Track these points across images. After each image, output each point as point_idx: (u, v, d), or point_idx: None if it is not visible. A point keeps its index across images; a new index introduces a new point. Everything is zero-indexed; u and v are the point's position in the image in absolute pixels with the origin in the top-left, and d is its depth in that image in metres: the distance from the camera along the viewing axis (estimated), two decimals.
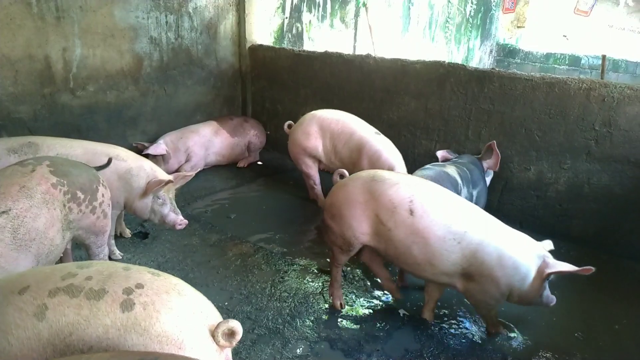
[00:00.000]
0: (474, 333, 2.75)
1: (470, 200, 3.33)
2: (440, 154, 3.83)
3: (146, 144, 4.42)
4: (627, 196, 3.55)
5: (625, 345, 2.72)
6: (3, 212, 2.08)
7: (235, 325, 1.52)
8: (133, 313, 1.44)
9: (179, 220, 3.21)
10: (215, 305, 1.68)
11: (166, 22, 4.61)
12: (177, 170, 4.60)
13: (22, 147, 2.98)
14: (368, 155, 3.71)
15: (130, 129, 4.59)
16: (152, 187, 3.07)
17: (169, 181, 3.11)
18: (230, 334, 1.53)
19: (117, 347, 1.41)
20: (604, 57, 4.73)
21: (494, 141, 3.71)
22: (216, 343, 1.52)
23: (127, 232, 3.60)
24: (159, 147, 4.44)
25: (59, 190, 2.31)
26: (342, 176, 2.73)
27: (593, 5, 3.89)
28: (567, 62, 9.66)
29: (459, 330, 2.77)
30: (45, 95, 3.92)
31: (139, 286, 1.50)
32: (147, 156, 4.18)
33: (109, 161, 2.76)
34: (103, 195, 2.57)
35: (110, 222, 2.72)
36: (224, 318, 1.67)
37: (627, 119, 3.48)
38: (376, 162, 3.61)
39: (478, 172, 3.52)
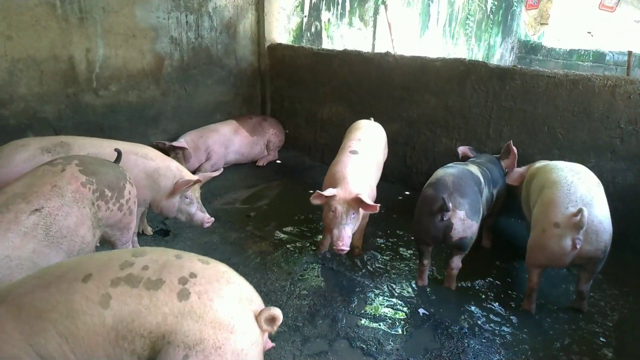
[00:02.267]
0: (494, 333, 2.71)
1: (491, 199, 3.29)
2: (461, 149, 3.79)
3: (167, 143, 4.49)
4: None
5: None
6: (36, 210, 2.16)
7: (277, 312, 1.69)
8: (189, 302, 1.58)
9: (206, 218, 3.26)
10: None
11: (186, 22, 4.66)
12: (198, 169, 4.66)
13: (55, 146, 3.05)
14: None
15: (152, 128, 4.65)
16: (180, 187, 3.13)
17: (197, 181, 3.17)
18: (272, 319, 1.70)
19: (174, 332, 1.56)
20: (630, 53, 4.61)
21: (511, 141, 3.64)
22: (259, 327, 1.68)
23: (149, 230, 3.65)
24: (180, 142, 4.52)
25: (88, 188, 2.38)
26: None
27: (619, 1, 3.79)
28: (591, 58, 9.43)
29: (479, 330, 2.73)
30: (69, 95, 4.00)
31: (192, 275, 1.64)
32: (168, 152, 4.26)
33: (119, 155, 2.79)
34: (129, 193, 2.63)
35: (135, 219, 2.77)
36: None
37: None
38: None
39: (497, 171, 3.48)
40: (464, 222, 2.82)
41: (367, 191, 3.09)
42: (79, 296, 1.56)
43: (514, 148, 3.57)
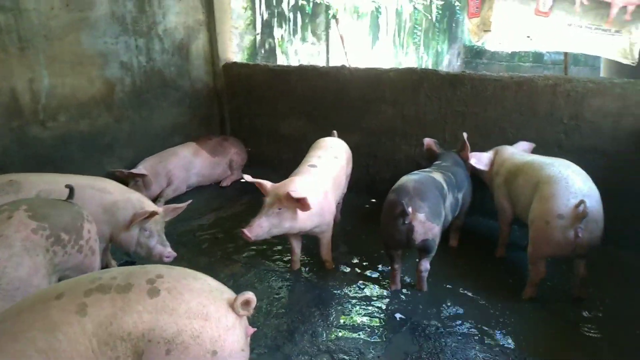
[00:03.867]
0: (469, 329, 2.80)
1: (456, 203, 3.40)
2: (426, 141, 3.89)
3: (125, 171, 4.37)
4: (598, 184, 3.66)
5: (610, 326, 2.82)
6: None
7: (251, 296, 1.81)
8: (161, 297, 1.66)
9: (166, 252, 3.10)
10: None
11: (136, 46, 4.57)
12: (160, 195, 4.55)
13: (3, 186, 2.86)
14: None
15: (107, 156, 4.50)
16: (137, 219, 2.98)
17: (153, 212, 3.02)
18: (246, 303, 1.81)
19: (152, 329, 1.63)
20: (566, 53, 4.91)
21: (465, 134, 3.75)
22: (236, 313, 1.79)
23: (114, 264, 3.52)
24: (139, 170, 4.41)
25: (40, 235, 2.23)
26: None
27: (552, 6, 4.06)
28: (531, 59, 10.01)
29: (455, 328, 2.82)
30: (13, 129, 3.78)
31: (159, 276, 1.73)
32: (127, 181, 4.15)
33: (72, 191, 2.62)
34: (89, 232, 2.50)
35: (98, 257, 2.65)
36: None
37: (592, 112, 3.64)
38: None
39: (462, 173, 3.59)
40: (424, 224, 2.91)
41: (316, 197, 3.12)
42: (55, 310, 1.59)
43: (467, 142, 3.70)
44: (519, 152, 3.61)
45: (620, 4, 3.82)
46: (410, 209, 2.83)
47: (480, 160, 3.64)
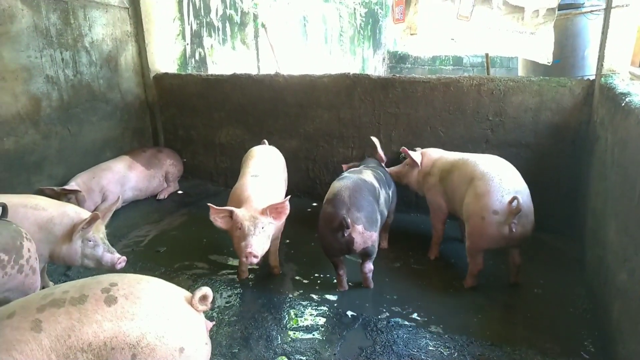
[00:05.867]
0: (418, 320, 2.93)
1: (388, 199, 3.50)
2: (344, 167, 3.95)
3: (55, 188, 4.14)
4: (523, 175, 3.94)
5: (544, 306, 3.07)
6: None
7: (207, 290, 1.87)
8: (119, 304, 1.67)
9: (116, 259, 2.98)
10: None
11: (62, 59, 4.36)
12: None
13: None
14: None
15: (35, 174, 4.25)
16: (77, 229, 2.83)
17: (93, 216, 2.86)
18: (204, 298, 1.87)
19: (114, 336, 1.64)
20: (487, 55, 5.27)
21: (373, 137, 3.99)
22: (194, 308, 1.84)
23: (51, 285, 3.34)
24: (71, 186, 4.20)
25: None
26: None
27: (472, 11, 4.35)
28: (451, 62, 10.60)
29: (404, 320, 2.93)
30: None
31: (113, 284, 1.74)
32: (59, 198, 3.94)
33: (5, 209, 2.49)
34: (29, 250, 2.39)
35: (39, 277, 2.53)
36: None
37: (513, 108, 3.93)
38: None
39: (387, 173, 3.75)
40: (363, 234, 2.97)
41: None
42: (8, 329, 1.58)
43: (378, 145, 3.95)
44: (446, 151, 3.74)
45: (532, 8, 4.15)
46: (349, 222, 2.89)
47: (415, 157, 3.73)
